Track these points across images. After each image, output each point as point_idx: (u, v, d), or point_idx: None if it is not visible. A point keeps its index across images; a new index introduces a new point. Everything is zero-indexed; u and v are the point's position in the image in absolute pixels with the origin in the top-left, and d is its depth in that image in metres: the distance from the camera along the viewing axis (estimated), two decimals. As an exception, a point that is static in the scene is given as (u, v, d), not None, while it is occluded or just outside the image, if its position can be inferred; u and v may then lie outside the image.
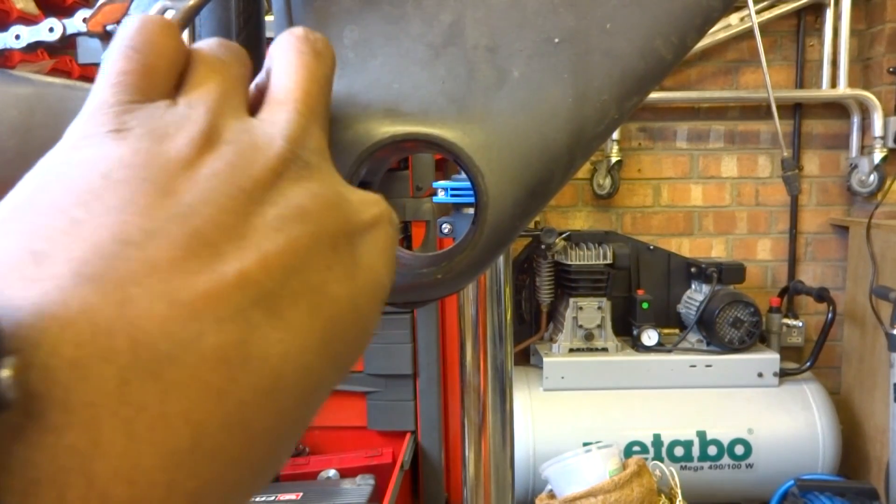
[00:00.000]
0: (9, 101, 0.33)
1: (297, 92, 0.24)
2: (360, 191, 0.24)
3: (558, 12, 0.31)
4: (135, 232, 0.17)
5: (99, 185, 0.18)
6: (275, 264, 0.19)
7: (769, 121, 2.60)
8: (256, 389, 0.18)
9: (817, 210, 2.83)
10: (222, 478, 0.17)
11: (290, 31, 0.26)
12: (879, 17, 2.63)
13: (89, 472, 0.15)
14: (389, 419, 1.90)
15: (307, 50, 0.25)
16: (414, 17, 0.31)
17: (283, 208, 0.20)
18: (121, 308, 0.16)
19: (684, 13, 0.31)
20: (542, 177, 0.31)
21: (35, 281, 0.16)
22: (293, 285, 0.19)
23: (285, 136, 0.22)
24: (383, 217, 0.24)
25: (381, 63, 0.31)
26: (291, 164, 0.21)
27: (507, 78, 0.31)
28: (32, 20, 1.73)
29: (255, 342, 0.18)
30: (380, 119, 0.31)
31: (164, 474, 0.16)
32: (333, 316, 0.20)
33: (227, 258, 0.18)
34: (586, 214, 2.87)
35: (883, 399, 2.35)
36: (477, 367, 0.84)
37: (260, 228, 0.19)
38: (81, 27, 0.31)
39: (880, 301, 2.28)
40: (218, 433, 0.17)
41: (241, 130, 0.21)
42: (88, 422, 0.15)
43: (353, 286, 0.21)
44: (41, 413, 0.15)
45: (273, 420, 0.18)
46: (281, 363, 0.18)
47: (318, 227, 0.21)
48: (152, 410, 0.16)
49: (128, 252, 0.17)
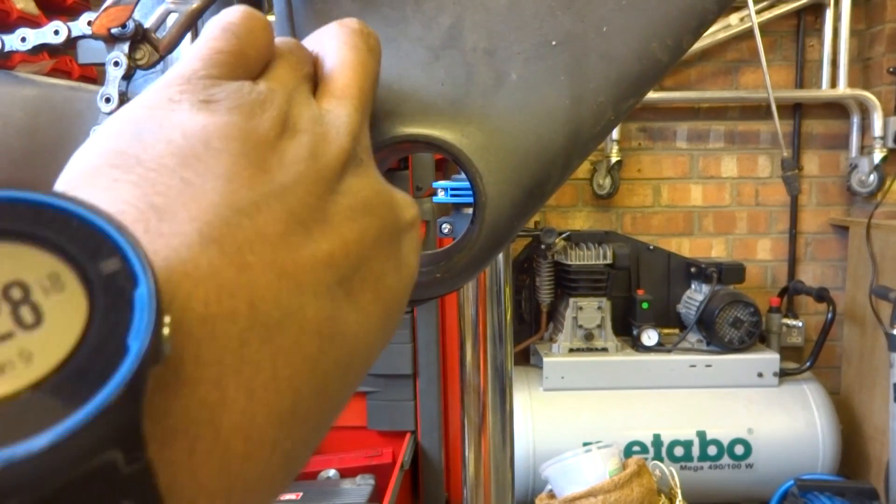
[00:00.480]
0: (14, 103, 0.33)
1: (354, 88, 0.25)
2: (399, 191, 0.25)
3: (556, 15, 0.31)
4: (245, 202, 0.18)
5: (202, 152, 0.19)
6: (352, 249, 0.20)
7: (769, 121, 2.60)
8: (338, 363, 0.19)
9: (817, 210, 2.84)
10: (307, 440, 0.18)
11: (345, 22, 0.27)
12: (879, 17, 2.63)
13: (217, 425, 0.16)
14: (389, 419, 1.90)
15: (362, 46, 0.26)
16: (413, 19, 0.32)
17: (352, 200, 0.21)
18: (241, 272, 0.17)
19: (680, 16, 0.31)
20: (540, 177, 0.31)
21: (162, 236, 0.16)
22: (364, 271, 0.21)
23: (349, 132, 0.23)
24: (417, 218, 0.25)
25: (381, 65, 0.32)
26: (352, 158, 0.22)
27: (506, 80, 0.31)
28: (33, 20, 1.74)
29: (340, 319, 0.19)
30: (380, 120, 0.31)
31: (272, 433, 0.17)
32: (389, 302, 0.22)
33: (316, 238, 0.19)
34: (586, 214, 2.87)
35: (883, 399, 2.36)
36: (477, 367, 0.85)
37: (338, 215, 0.20)
38: (86, 30, 0.31)
39: (880, 301, 2.29)
40: (310, 399, 0.18)
41: (314, 121, 0.22)
42: (217, 378, 0.16)
43: (399, 278, 0.23)
44: (177, 366, 0.15)
45: (345, 391, 0.20)
46: (355, 341, 0.20)
47: (381, 220, 0.22)
48: (266, 372, 0.17)
49: (241, 220, 0.18)
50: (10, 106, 0.33)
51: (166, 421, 0.15)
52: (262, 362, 0.17)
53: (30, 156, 0.32)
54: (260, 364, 0.17)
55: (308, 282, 0.18)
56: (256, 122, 0.20)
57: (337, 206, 0.21)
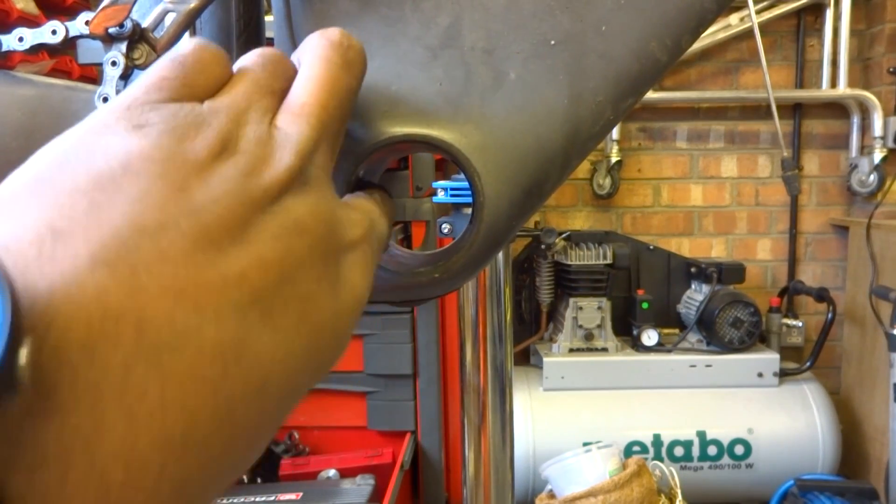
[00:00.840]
0: (12, 103, 0.33)
1: (316, 106, 0.24)
2: (349, 208, 0.25)
3: (554, 15, 0.31)
4: (150, 222, 0.18)
5: (119, 174, 0.19)
6: (272, 270, 0.20)
7: (769, 121, 2.60)
8: (246, 386, 0.18)
9: (817, 210, 2.83)
10: (206, 468, 0.18)
11: (325, 33, 0.26)
12: (879, 17, 2.63)
13: (91, 453, 0.15)
14: (389, 419, 1.90)
15: (337, 59, 0.25)
16: (412, 19, 0.32)
17: (283, 219, 0.21)
18: (131, 294, 0.17)
19: (679, 16, 0.31)
20: (538, 177, 0.31)
21: (53, 260, 0.16)
22: (286, 292, 0.20)
23: (297, 151, 0.22)
24: (367, 236, 0.25)
25: (379, 65, 0.32)
26: (297, 178, 0.22)
27: (504, 79, 0.31)
28: (33, 20, 1.73)
29: (250, 341, 0.19)
30: (378, 120, 0.31)
31: (158, 460, 0.16)
32: (318, 325, 0.21)
33: (230, 258, 0.19)
34: (586, 214, 2.87)
35: (883, 399, 2.36)
36: (477, 367, 0.84)
37: (261, 234, 0.20)
38: (84, 29, 0.31)
39: (880, 301, 2.29)
40: (208, 425, 0.17)
41: (257, 141, 0.22)
42: (93, 404, 0.15)
43: (336, 299, 0.22)
44: (50, 392, 0.15)
45: (257, 417, 0.19)
46: (270, 364, 0.19)
47: (313, 240, 0.22)
48: (152, 397, 0.16)
49: (142, 241, 0.17)
50: (7, 106, 0.33)
51: (37, 449, 0.15)
52: (149, 387, 0.16)
53: (27, 156, 0.32)
54: (145, 389, 0.16)
55: (211, 303, 0.18)
56: (187, 144, 0.20)
57: (262, 226, 0.20)
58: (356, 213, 0.25)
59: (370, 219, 0.26)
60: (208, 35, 0.35)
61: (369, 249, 0.25)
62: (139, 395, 0.16)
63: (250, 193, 0.20)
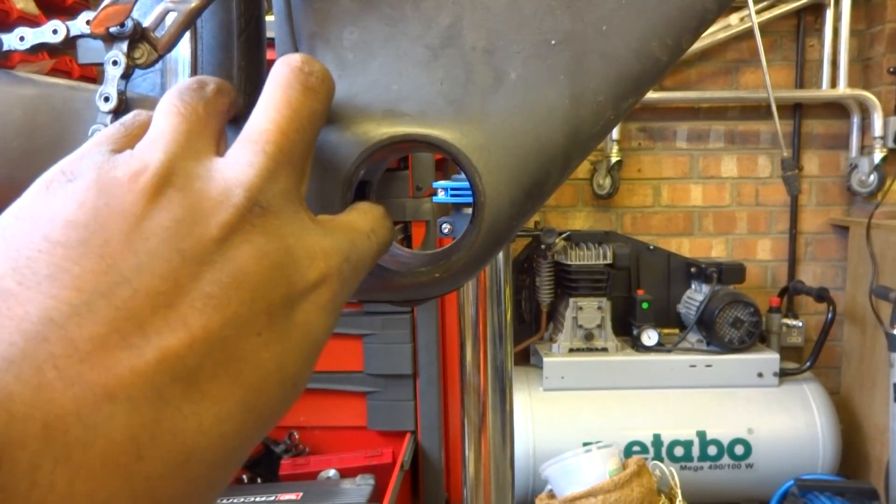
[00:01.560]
0: (13, 102, 0.33)
1: (270, 133, 0.23)
2: (321, 236, 0.23)
3: (555, 14, 0.31)
4: (62, 308, 0.18)
5: (37, 249, 0.18)
6: (199, 339, 0.19)
7: (769, 121, 2.60)
8: (166, 463, 0.18)
9: (817, 210, 2.83)
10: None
11: (286, 59, 0.26)
12: (879, 17, 2.63)
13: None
14: (389, 419, 1.90)
15: (297, 85, 0.25)
16: (413, 18, 0.32)
17: (222, 273, 0.20)
18: (37, 393, 0.16)
19: (679, 15, 0.31)
20: (539, 177, 0.31)
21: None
22: (216, 356, 0.19)
23: (244, 184, 0.21)
24: (330, 273, 0.23)
25: (381, 64, 0.32)
26: (247, 213, 0.21)
27: (505, 79, 0.31)
28: (33, 20, 1.73)
29: (167, 419, 0.18)
30: (378, 120, 0.31)
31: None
32: (257, 381, 0.20)
33: (151, 335, 0.18)
34: (586, 214, 2.87)
35: (883, 399, 2.35)
36: (477, 367, 0.84)
37: (192, 298, 0.19)
38: (85, 29, 0.31)
39: (880, 301, 2.29)
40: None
41: (198, 176, 0.21)
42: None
43: (282, 348, 0.21)
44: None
45: (184, 488, 0.19)
46: (195, 435, 0.19)
47: (255, 294, 0.20)
48: (60, 491, 0.16)
49: (50, 331, 0.17)
50: (8, 105, 0.33)
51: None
52: (56, 482, 0.16)
53: (28, 155, 0.32)
54: (53, 485, 0.16)
55: (122, 389, 0.17)
56: (116, 195, 0.19)
57: (197, 284, 0.19)
58: (327, 242, 0.23)
59: (347, 244, 0.24)
60: (209, 34, 0.35)
61: (336, 283, 0.23)
62: (47, 491, 0.16)
63: (182, 247, 0.19)
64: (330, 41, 0.32)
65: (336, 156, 0.30)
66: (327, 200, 0.30)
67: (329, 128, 0.31)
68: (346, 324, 1.80)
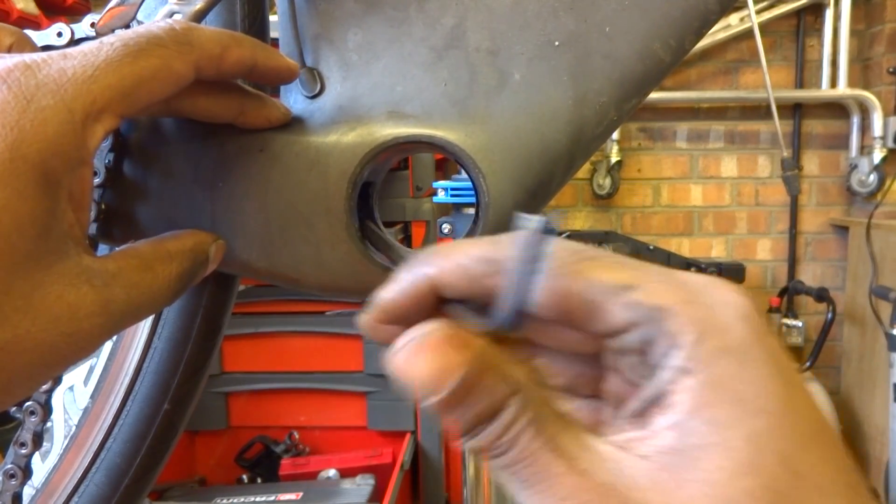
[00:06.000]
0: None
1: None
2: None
3: (558, 16, 0.31)
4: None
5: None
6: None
7: (769, 121, 2.60)
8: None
9: (817, 210, 2.84)
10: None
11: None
12: (879, 17, 2.63)
13: None
14: (389, 419, 1.90)
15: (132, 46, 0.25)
16: (417, 20, 0.32)
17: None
18: None
19: (682, 17, 0.31)
20: (543, 177, 0.31)
21: None
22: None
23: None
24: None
25: (385, 65, 0.32)
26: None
27: (508, 80, 0.31)
28: (33, 20, 1.73)
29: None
30: (383, 121, 0.31)
31: None
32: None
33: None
34: (586, 214, 2.87)
35: (883, 399, 2.36)
36: (477, 367, 0.84)
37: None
38: (89, 31, 0.31)
39: (880, 301, 2.29)
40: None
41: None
42: None
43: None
44: None
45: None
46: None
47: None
48: None
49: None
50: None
51: None
52: None
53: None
54: None
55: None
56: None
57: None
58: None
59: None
60: (213, 36, 0.36)
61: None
62: None
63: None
64: (334, 42, 0.32)
65: (341, 156, 0.30)
66: (333, 201, 0.30)
67: (334, 128, 0.31)
68: (345, 324, 1.80)
